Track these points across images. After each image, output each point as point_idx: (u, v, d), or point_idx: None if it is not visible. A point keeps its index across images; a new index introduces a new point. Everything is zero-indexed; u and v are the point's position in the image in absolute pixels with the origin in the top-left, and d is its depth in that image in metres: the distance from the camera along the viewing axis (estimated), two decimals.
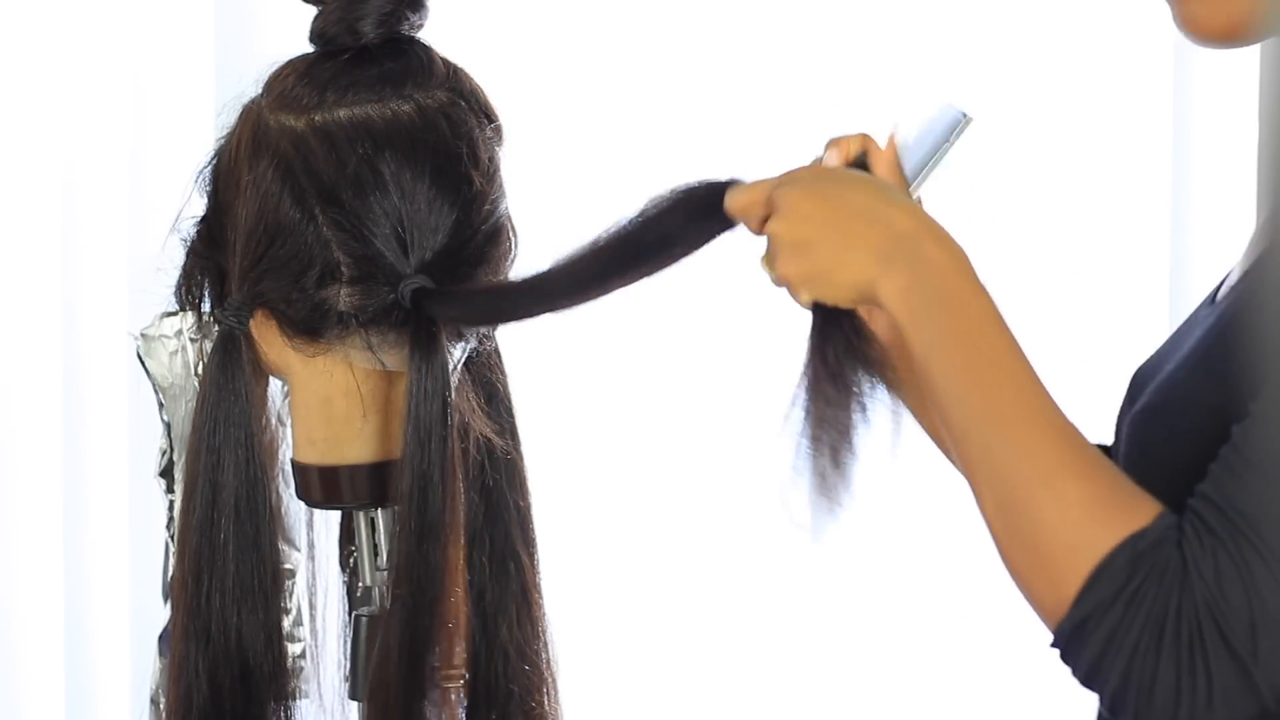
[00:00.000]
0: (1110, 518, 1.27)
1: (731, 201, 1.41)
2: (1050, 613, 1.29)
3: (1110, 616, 1.26)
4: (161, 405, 1.65)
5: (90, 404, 2.49)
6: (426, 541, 1.53)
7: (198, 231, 1.60)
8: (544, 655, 1.67)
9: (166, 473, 1.66)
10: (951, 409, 1.31)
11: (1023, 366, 1.32)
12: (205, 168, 1.59)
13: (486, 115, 1.57)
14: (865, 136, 1.43)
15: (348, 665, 1.63)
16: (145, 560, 2.34)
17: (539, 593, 1.67)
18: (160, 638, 1.67)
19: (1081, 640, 1.27)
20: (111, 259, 2.48)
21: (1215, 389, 1.33)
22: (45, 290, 2.46)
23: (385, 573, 1.60)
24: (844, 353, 1.36)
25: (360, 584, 1.63)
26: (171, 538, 1.65)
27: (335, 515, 1.70)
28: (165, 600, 1.67)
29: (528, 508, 1.68)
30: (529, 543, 1.67)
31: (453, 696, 1.67)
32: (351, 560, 1.70)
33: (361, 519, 1.60)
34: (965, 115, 1.40)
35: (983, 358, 1.31)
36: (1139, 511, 1.28)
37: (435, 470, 1.52)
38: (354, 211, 1.50)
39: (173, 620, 1.60)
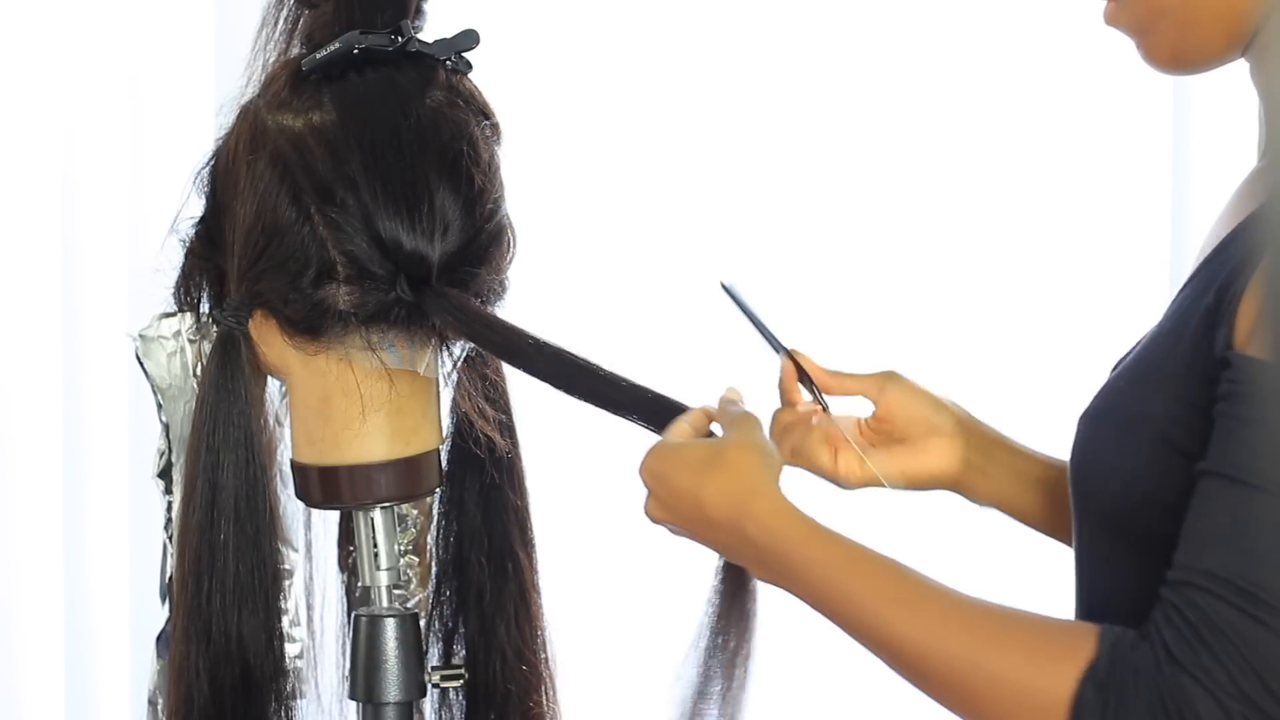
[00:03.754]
0: (1055, 668, 1.27)
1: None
2: None
3: None
4: (160, 406, 1.65)
5: (90, 404, 2.49)
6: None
7: (196, 232, 1.60)
8: (542, 655, 1.67)
9: (165, 474, 1.66)
10: (869, 645, 1.35)
11: (888, 581, 1.35)
12: (203, 168, 1.59)
13: (484, 115, 1.57)
14: (706, 410, 1.52)
15: (347, 665, 1.63)
16: (145, 560, 2.33)
17: (537, 593, 1.67)
18: (158, 639, 1.67)
19: None
20: (111, 259, 2.47)
21: (1145, 397, 1.33)
22: (45, 291, 2.46)
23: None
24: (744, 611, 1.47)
25: (359, 584, 1.63)
26: (170, 538, 1.65)
27: (333, 515, 1.70)
28: (163, 601, 1.67)
29: (526, 507, 1.68)
30: (527, 543, 1.67)
31: (451, 696, 1.67)
32: (351, 560, 1.70)
33: (361, 519, 1.60)
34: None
35: (852, 606, 1.35)
36: (1078, 647, 1.27)
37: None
38: (351, 211, 1.50)
39: (173, 622, 1.60)
